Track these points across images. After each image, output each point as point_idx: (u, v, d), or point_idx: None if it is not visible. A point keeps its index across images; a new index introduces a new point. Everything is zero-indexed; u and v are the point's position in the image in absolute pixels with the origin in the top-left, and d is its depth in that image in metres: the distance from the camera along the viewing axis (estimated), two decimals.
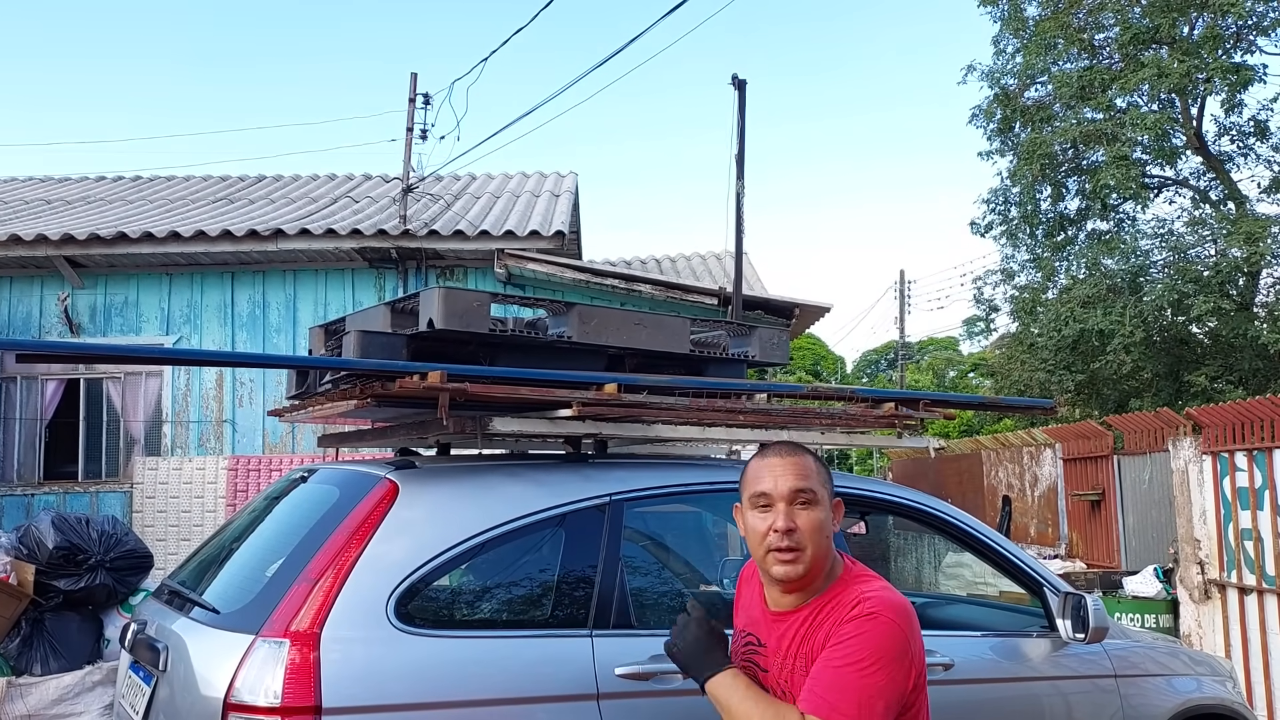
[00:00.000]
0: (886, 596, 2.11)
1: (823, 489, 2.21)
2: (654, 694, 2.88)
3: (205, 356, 6.20)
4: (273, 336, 10.34)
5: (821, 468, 2.25)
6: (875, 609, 2.06)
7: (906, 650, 2.03)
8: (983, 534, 3.81)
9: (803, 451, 2.26)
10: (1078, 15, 19.03)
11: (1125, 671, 3.82)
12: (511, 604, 3.03)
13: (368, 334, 3.13)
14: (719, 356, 3.74)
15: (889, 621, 2.04)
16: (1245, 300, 17.75)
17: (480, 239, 9.97)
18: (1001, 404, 4.85)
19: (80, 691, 4.86)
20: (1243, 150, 19.37)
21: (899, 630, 2.04)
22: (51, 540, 5.00)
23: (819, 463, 2.25)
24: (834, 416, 3.61)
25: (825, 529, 2.17)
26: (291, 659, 2.51)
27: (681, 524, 4.08)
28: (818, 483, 2.20)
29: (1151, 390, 18.22)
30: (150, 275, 10.39)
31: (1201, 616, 7.91)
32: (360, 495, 2.91)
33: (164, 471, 9.89)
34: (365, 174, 14.84)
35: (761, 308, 10.12)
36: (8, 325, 10.30)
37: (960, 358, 42.26)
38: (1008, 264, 21.15)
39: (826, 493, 2.22)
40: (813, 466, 2.22)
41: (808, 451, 2.27)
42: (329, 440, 3.97)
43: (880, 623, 2.04)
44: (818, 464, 2.24)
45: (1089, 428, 11.98)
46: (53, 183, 15.07)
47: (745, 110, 9.88)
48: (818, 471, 2.23)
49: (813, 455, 2.27)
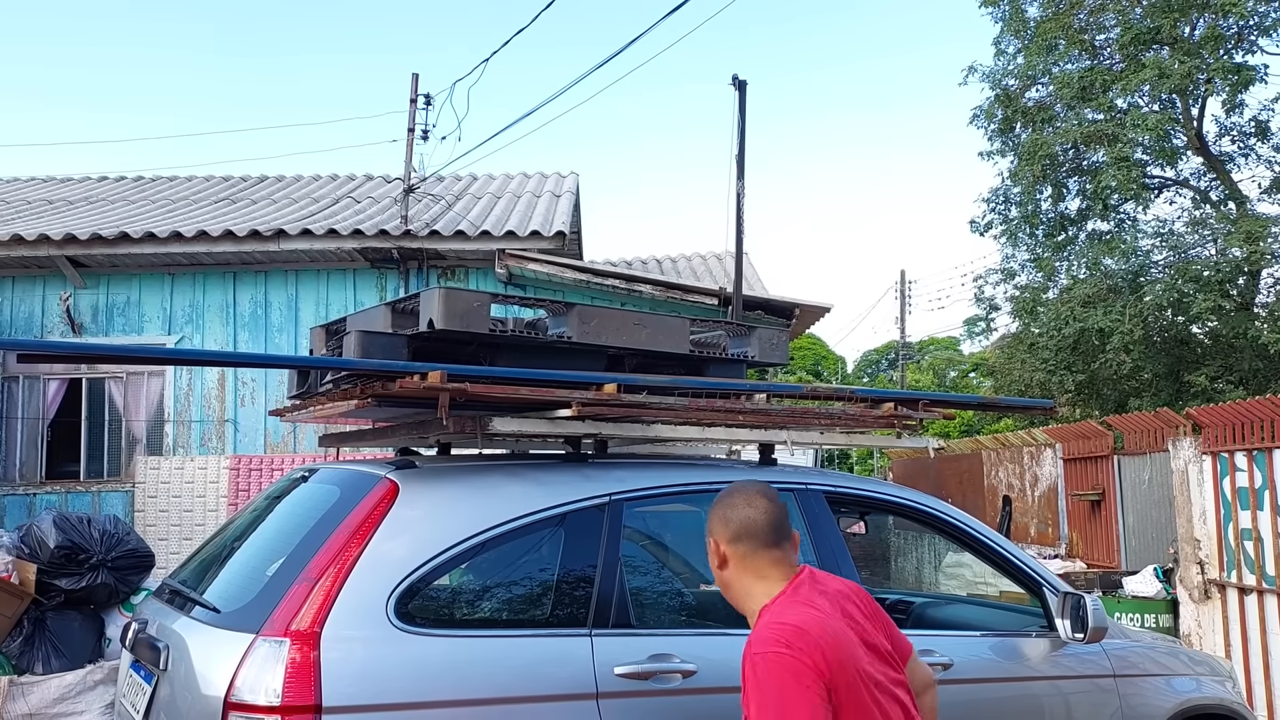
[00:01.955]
0: (760, 632, 2.06)
1: (708, 538, 2.30)
2: (653, 693, 2.89)
3: (207, 356, 6.22)
4: (274, 336, 10.35)
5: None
6: (750, 650, 2.03)
7: (795, 673, 1.95)
8: (981, 534, 3.81)
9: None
10: (1079, 16, 19.02)
11: (1124, 671, 3.83)
12: (511, 603, 3.04)
13: (369, 334, 3.14)
14: (719, 357, 3.74)
15: (761, 657, 1.99)
16: (1245, 300, 17.75)
17: (481, 239, 9.98)
18: (1001, 404, 4.86)
19: (82, 690, 4.87)
20: (1243, 150, 19.37)
21: (776, 661, 1.97)
22: (53, 539, 5.01)
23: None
24: (833, 416, 3.62)
25: (717, 575, 2.28)
26: (292, 658, 2.52)
27: (681, 524, 4.09)
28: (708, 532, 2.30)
29: (1151, 390, 18.21)
30: (152, 275, 10.41)
31: (1201, 616, 7.92)
32: (361, 495, 2.92)
33: (166, 471, 9.90)
34: (367, 174, 14.85)
35: (762, 308, 10.12)
36: (10, 325, 10.32)
37: (961, 357, 42.26)
38: (1008, 263, 21.15)
39: (711, 540, 2.30)
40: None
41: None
42: (330, 440, 3.98)
43: (757, 663, 1.99)
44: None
45: (1089, 428, 11.98)
46: (55, 183, 15.08)
47: (745, 110, 9.90)
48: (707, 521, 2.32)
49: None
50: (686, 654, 2.97)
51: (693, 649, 3.01)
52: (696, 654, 2.99)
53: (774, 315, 10.13)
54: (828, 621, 2.07)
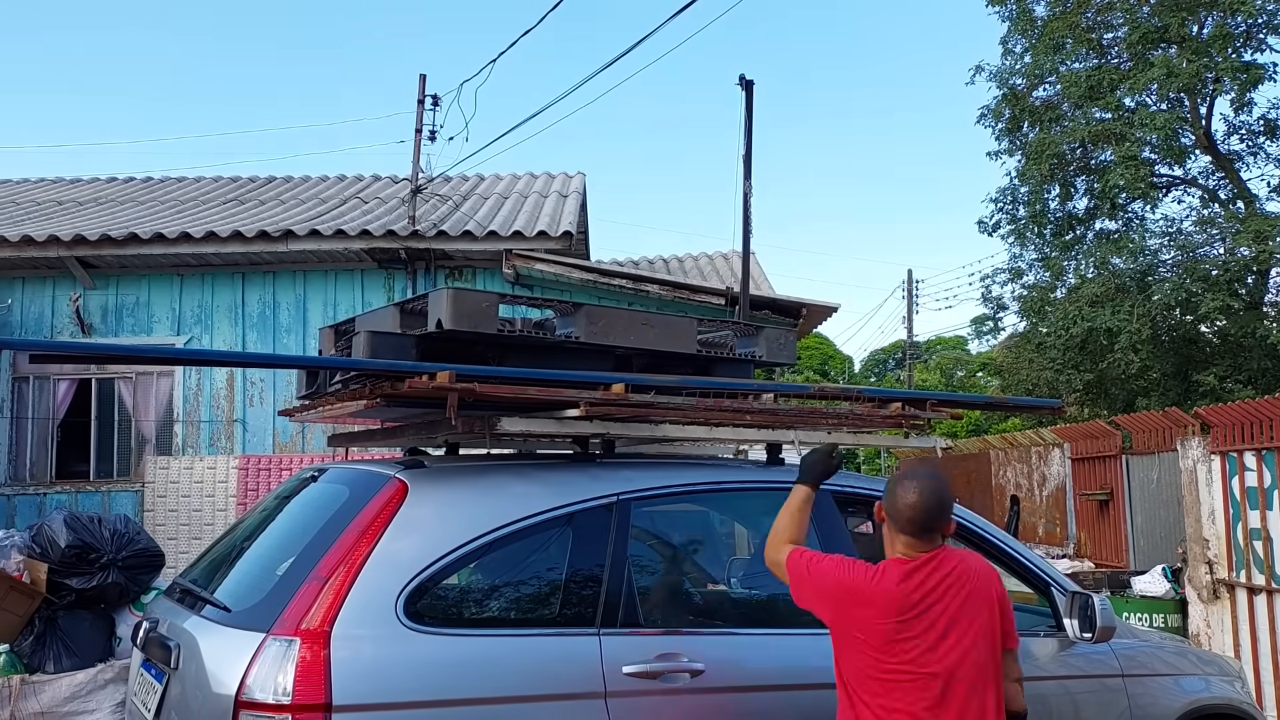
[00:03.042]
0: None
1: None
2: (661, 692, 2.90)
3: (216, 357, 6.25)
4: (283, 337, 10.38)
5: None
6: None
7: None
8: (989, 533, 3.82)
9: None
10: (1086, 15, 18.96)
11: (1133, 671, 3.82)
12: (520, 603, 3.05)
13: (377, 334, 3.15)
14: (726, 357, 3.75)
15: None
16: (1254, 299, 17.68)
17: (488, 239, 9.99)
18: (1009, 404, 4.86)
19: (93, 689, 4.90)
20: (1252, 149, 19.28)
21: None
22: (64, 539, 5.03)
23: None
24: (840, 416, 3.62)
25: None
26: (302, 657, 2.54)
27: (689, 523, 4.10)
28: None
29: (1160, 389, 18.15)
30: (161, 276, 10.44)
31: (1210, 616, 7.89)
32: (370, 494, 2.94)
33: (175, 471, 9.94)
34: (374, 175, 14.88)
35: (769, 307, 10.12)
36: (20, 325, 10.36)
37: (968, 357, 42.13)
38: (1016, 263, 21.09)
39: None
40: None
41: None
42: (339, 440, 3.99)
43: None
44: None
45: (1097, 427, 11.95)
46: (64, 184, 15.14)
47: (753, 110, 9.89)
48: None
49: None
50: (694, 653, 2.98)
51: (701, 648, 3.02)
52: (704, 653, 3.00)
53: (781, 315, 10.12)
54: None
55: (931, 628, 2.54)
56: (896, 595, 2.55)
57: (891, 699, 2.53)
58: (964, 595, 2.59)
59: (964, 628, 2.56)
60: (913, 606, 2.54)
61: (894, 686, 2.53)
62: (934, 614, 2.55)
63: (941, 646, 2.53)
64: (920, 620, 2.54)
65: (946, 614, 2.55)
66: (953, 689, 2.52)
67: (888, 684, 2.54)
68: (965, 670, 2.54)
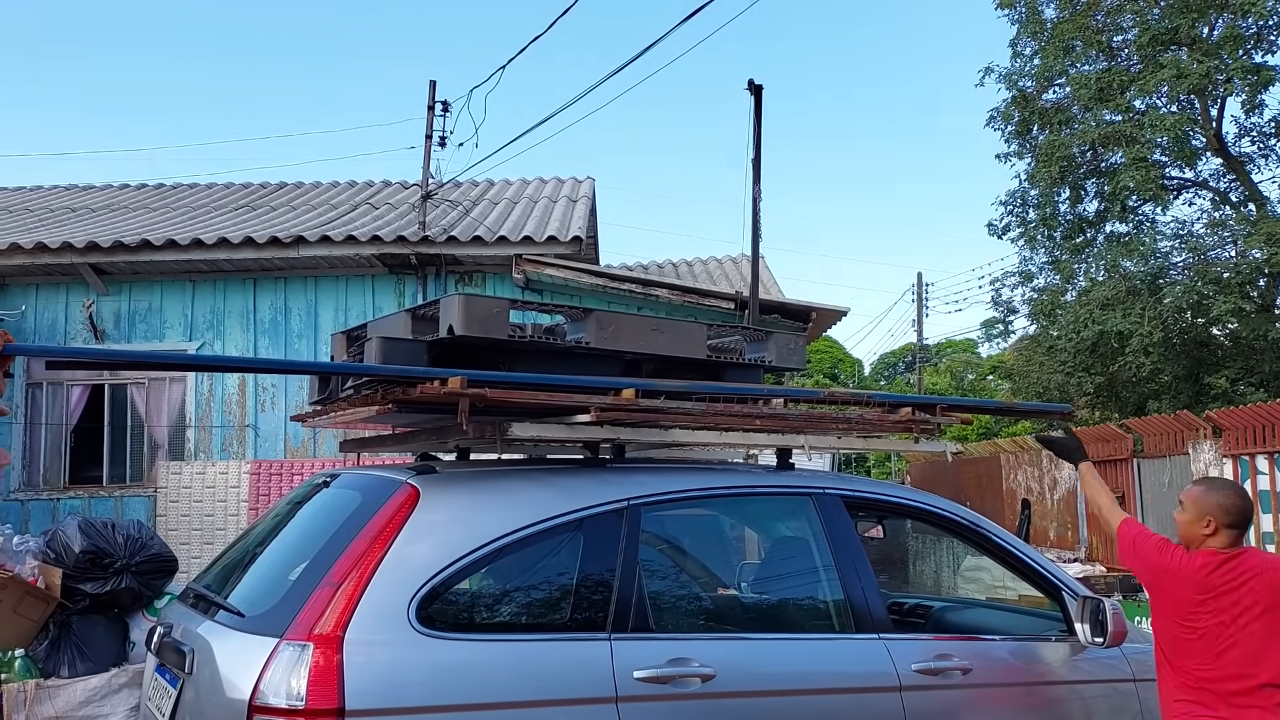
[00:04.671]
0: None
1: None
2: (672, 697, 2.91)
3: (228, 362, 6.27)
4: (294, 342, 10.43)
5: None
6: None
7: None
8: (999, 538, 3.81)
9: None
10: (1096, 17, 18.92)
11: (1144, 675, 3.80)
12: (531, 607, 3.06)
13: (389, 340, 3.17)
14: (736, 361, 3.76)
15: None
16: (1266, 302, 17.61)
17: (498, 245, 10.03)
18: (1018, 409, 4.80)
19: (107, 694, 4.92)
20: (1263, 151, 19.23)
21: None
22: (78, 544, 5.06)
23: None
24: (850, 421, 3.62)
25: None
26: (315, 661, 2.55)
27: (699, 528, 4.10)
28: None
29: (1171, 392, 18.08)
30: (174, 282, 10.51)
31: None
32: (382, 500, 2.95)
33: (187, 476, 9.99)
34: (385, 181, 14.94)
35: (778, 311, 10.12)
36: (34, 332, 10.44)
37: (979, 360, 42.02)
38: (1026, 266, 21.05)
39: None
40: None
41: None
42: (350, 445, 4.01)
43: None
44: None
45: (1108, 430, 11.91)
46: (77, 191, 15.25)
47: (761, 114, 9.91)
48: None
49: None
50: (705, 658, 2.99)
51: (712, 653, 3.02)
52: (715, 658, 3.00)
53: (790, 319, 10.13)
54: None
55: (1226, 610, 3.11)
56: (1200, 578, 3.15)
57: (1182, 660, 3.19)
58: (1263, 586, 3.12)
59: (1250, 616, 3.10)
60: (1212, 589, 3.13)
61: (1187, 647, 3.17)
62: (1227, 600, 3.12)
63: (1231, 628, 3.11)
64: (1217, 601, 3.12)
65: (1240, 604, 3.10)
66: (1228, 656, 3.09)
67: (1180, 646, 3.19)
68: (1243, 646, 3.09)
